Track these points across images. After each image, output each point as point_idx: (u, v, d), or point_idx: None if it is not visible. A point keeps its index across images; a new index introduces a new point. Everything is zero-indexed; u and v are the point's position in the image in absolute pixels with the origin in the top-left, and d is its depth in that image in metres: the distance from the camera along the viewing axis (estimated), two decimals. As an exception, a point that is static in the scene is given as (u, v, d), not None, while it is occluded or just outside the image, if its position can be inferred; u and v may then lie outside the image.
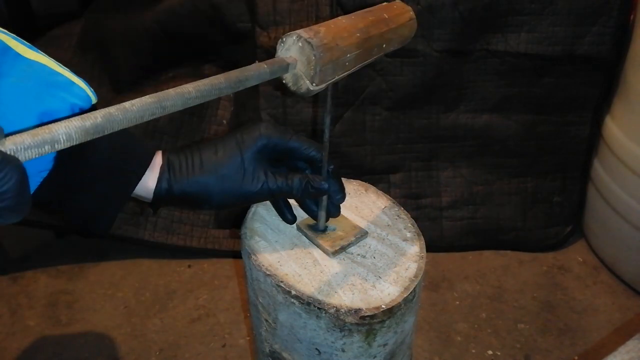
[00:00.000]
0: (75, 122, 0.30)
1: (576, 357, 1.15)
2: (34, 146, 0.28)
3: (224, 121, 1.35)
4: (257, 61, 0.41)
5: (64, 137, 0.30)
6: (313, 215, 0.61)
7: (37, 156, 0.29)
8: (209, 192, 0.53)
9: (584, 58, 1.26)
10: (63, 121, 0.30)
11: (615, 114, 1.30)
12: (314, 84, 0.44)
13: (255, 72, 0.40)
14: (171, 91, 0.35)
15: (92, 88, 0.49)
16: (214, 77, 0.37)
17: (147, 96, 0.34)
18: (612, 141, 1.29)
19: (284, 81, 0.46)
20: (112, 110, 0.32)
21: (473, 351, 1.16)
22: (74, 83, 0.48)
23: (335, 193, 0.58)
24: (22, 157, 0.28)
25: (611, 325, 1.22)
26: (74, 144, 0.30)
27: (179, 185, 0.53)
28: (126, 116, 0.32)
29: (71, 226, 1.38)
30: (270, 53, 1.26)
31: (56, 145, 0.29)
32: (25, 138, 0.28)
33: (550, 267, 1.38)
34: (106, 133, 0.32)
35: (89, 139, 0.31)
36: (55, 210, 0.51)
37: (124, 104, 0.33)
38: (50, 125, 0.29)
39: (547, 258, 1.41)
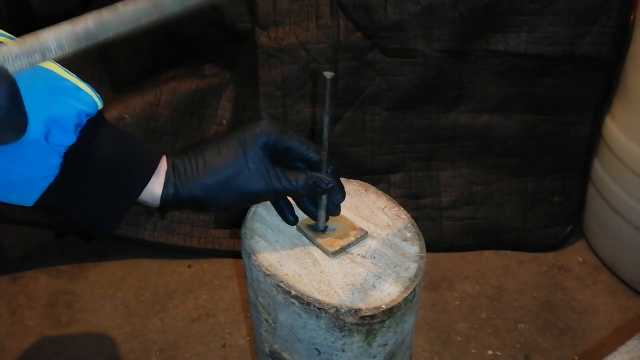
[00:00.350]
0: (65, 28, 0.28)
1: (576, 357, 1.15)
2: (23, 55, 0.27)
3: (224, 121, 1.35)
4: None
5: (54, 45, 0.28)
6: (312, 215, 0.61)
7: (28, 67, 0.27)
8: (216, 194, 0.53)
9: (584, 58, 1.26)
10: (52, 28, 0.28)
11: (615, 114, 1.30)
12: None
13: None
14: None
15: (93, 88, 0.50)
16: None
17: None
18: (612, 141, 1.29)
19: None
20: (104, 13, 0.29)
21: (473, 351, 1.16)
22: (80, 89, 0.48)
23: (335, 193, 0.58)
24: (11, 68, 0.27)
25: (611, 325, 1.22)
26: (66, 52, 0.28)
27: (186, 190, 0.53)
28: (120, 19, 0.29)
29: (72, 228, 1.38)
30: (270, 53, 1.26)
31: (47, 54, 0.28)
32: (13, 48, 0.27)
33: (550, 267, 1.38)
34: (100, 39, 0.29)
35: (81, 47, 0.28)
36: (61, 214, 0.51)
37: (116, 5, 0.30)
38: (39, 33, 0.27)
39: (547, 258, 1.41)
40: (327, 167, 0.56)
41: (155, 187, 0.53)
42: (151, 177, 0.52)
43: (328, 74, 0.51)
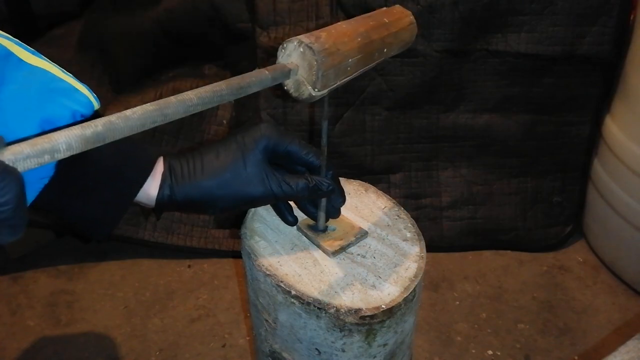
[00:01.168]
0: (76, 131, 0.29)
1: (576, 357, 1.15)
2: (34, 156, 0.28)
3: (224, 121, 1.35)
4: (257, 64, 0.41)
5: (64, 147, 0.29)
6: (312, 216, 0.61)
7: (36, 166, 0.28)
8: (213, 196, 0.53)
9: (584, 58, 1.26)
10: (63, 130, 0.29)
11: (615, 114, 1.30)
12: (316, 90, 0.44)
13: (256, 78, 0.39)
14: (172, 99, 0.34)
15: (92, 88, 0.49)
16: (215, 84, 0.37)
17: (149, 104, 0.33)
18: (612, 141, 1.29)
19: (285, 87, 0.45)
20: (113, 118, 0.31)
21: (473, 351, 1.16)
22: (76, 89, 0.48)
23: (335, 197, 0.58)
24: (21, 167, 0.28)
25: (611, 325, 1.22)
26: (74, 153, 0.30)
27: (182, 192, 0.52)
28: (127, 124, 0.32)
29: (71, 229, 1.38)
30: (270, 53, 1.26)
31: (56, 155, 0.29)
32: (25, 148, 0.28)
33: (550, 267, 1.38)
34: (107, 142, 0.31)
35: (89, 148, 0.30)
36: (57, 216, 0.51)
37: (125, 112, 0.32)
38: (50, 135, 0.29)
39: (547, 258, 1.41)
40: (326, 172, 0.56)
41: (151, 189, 0.52)
42: (147, 178, 0.52)
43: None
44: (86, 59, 1.43)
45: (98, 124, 0.30)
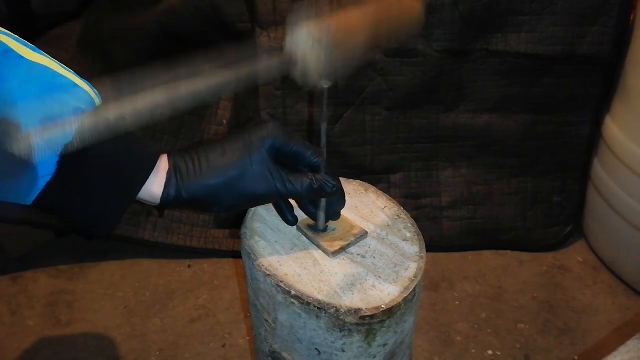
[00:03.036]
0: (89, 120, 0.31)
1: (576, 357, 1.15)
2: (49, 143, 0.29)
3: (224, 121, 1.35)
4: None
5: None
6: (312, 216, 0.60)
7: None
8: (218, 195, 0.52)
9: (584, 58, 1.26)
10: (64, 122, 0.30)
11: (615, 114, 1.30)
12: (322, 80, 0.43)
13: (265, 67, 0.39)
14: (184, 90, 0.35)
15: (90, 84, 0.49)
16: (224, 72, 0.36)
17: (160, 92, 0.34)
18: (612, 141, 1.29)
19: (291, 76, 0.45)
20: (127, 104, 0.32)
21: (473, 351, 1.16)
22: (77, 85, 0.47)
23: (336, 199, 0.58)
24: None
25: (611, 325, 1.22)
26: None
27: (188, 190, 0.52)
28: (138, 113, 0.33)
29: (72, 227, 1.38)
30: (271, 53, 1.26)
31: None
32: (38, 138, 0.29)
33: (550, 267, 1.38)
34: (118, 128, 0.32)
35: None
36: (59, 215, 0.51)
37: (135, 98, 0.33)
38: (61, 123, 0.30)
39: (547, 258, 1.41)
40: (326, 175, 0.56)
41: (154, 186, 0.52)
42: (149, 175, 0.52)
43: (325, 83, 0.51)
44: (86, 59, 1.43)
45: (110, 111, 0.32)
